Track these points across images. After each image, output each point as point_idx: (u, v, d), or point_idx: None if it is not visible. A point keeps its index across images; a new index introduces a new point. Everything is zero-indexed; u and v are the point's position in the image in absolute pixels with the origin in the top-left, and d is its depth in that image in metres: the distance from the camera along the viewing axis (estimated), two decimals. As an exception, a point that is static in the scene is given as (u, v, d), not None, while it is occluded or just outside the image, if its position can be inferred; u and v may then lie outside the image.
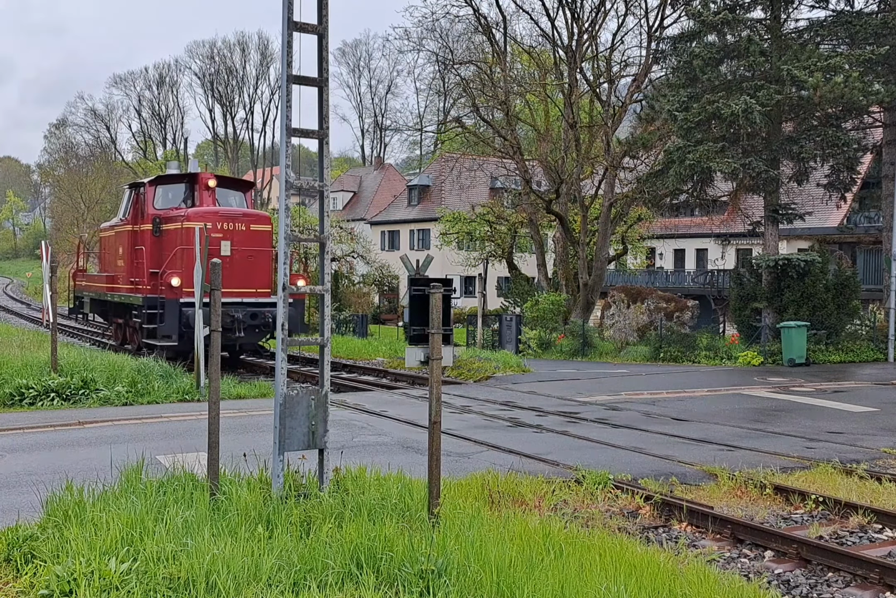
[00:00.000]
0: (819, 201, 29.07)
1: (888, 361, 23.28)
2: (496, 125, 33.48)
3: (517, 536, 6.43)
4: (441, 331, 6.90)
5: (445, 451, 8.91)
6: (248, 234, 19.64)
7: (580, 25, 31.15)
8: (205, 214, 19.30)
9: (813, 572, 6.87)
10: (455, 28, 38.24)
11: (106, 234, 25.09)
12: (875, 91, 21.88)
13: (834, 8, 26.12)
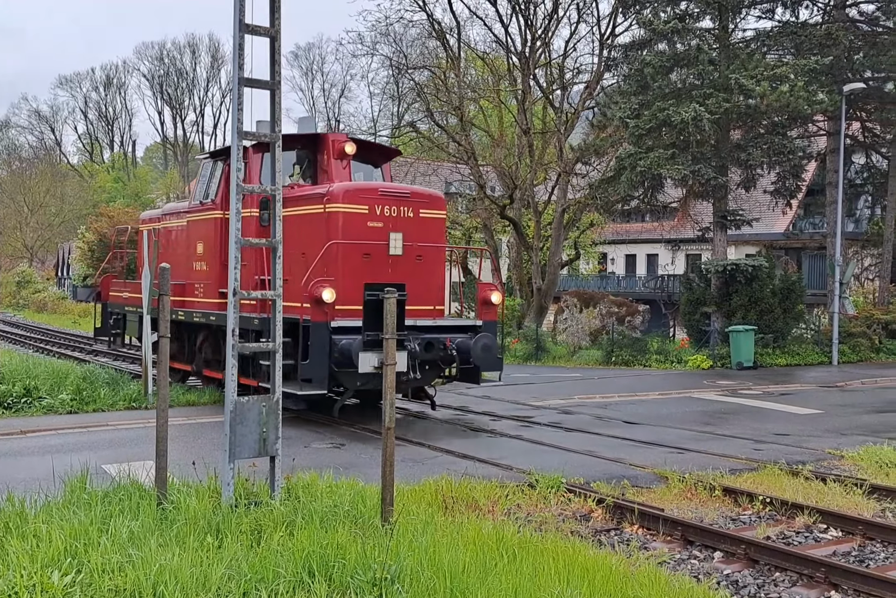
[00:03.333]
0: (766, 208, 29.61)
1: (832, 364, 23.74)
2: (450, 130, 33.54)
3: (471, 541, 6.42)
4: (395, 336, 6.90)
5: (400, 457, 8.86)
6: (418, 223, 12.58)
7: (533, 32, 31.38)
8: (359, 193, 12.38)
9: (761, 572, 6.97)
10: (409, 33, 38.22)
11: (162, 225, 17.22)
12: (819, 100, 22.35)
13: (780, 19, 26.68)
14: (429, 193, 13.33)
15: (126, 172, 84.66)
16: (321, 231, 12.23)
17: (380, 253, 12.22)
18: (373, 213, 12.23)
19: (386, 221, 12.33)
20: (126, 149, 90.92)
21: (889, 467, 10.09)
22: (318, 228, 12.29)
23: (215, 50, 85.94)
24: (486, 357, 11.90)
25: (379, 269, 12.13)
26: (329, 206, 12.20)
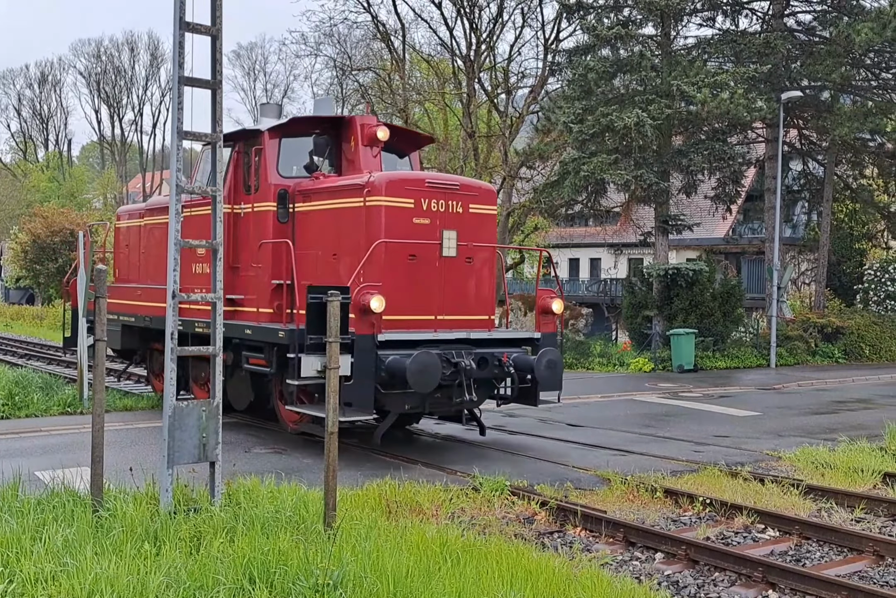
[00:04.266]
0: (706, 213, 30.10)
1: (770, 366, 24.22)
2: (394, 133, 33.43)
3: (414, 545, 6.39)
4: (339, 340, 6.85)
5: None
6: (468, 220, 10.85)
7: (478, 36, 31.48)
8: (404, 184, 10.58)
9: (701, 572, 7.05)
10: (353, 34, 38.10)
11: (146, 222, 14.65)
12: (758, 108, 22.79)
13: (720, 27, 27.20)
14: (479, 185, 11.55)
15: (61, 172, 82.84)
16: (358, 228, 10.52)
17: (427, 254, 10.50)
18: (419, 207, 10.47)
19: (433, 217, 10.58)
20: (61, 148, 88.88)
21: (824, 467, 10.30)
22: (355, 225, 10.59)
23: (155, 48, 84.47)
24: (552, 375, 10.38)
25: (426, 273, 10.54)
26: (370, 199, 10.37)
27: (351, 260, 10.38)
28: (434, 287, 10.54)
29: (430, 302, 10.58)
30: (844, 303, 30.09)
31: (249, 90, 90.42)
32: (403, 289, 10.31)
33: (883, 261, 29.48)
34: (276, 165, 11.70)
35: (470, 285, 10.99)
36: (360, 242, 10.40)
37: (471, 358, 10.15)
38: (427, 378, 9.49)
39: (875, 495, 9.28)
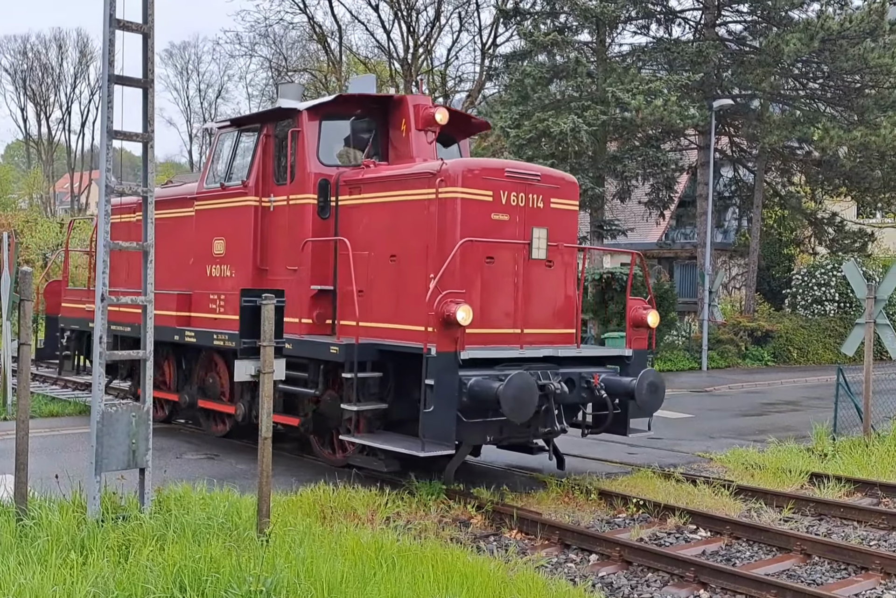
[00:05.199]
0: (640, 218, 30.55)
1: (702, 369, 24.66)
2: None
3: (349, 551, 6.35)
4: (273, 343, 6.78)
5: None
6: (550, 217, 9.44)
7: (416, 39, 31.54)
8: (483, 174, 9.09)
9: (634, 573, 7.12)
10: (289, 35, 37.82)
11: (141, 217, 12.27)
12: (691, 115, 23.22)
13: (654, 35, 27.66)
14: (561, 177, 9.89)
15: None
16: (427, 225, 8.97)
17: (507, 256, 9.09)
18: (497, 201, 9.01)
19: (513, 212, 9.13)
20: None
21: (754, 468, 10.51)
22: (422, 222, 9.03)
23: (84, 45, 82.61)
24: (653, 401, 9.05)
25: (506, 278, 9.09)
26: (444, 190, 8.83)
27: (417, 262, 8.98)
28: (514, 295, 9.11)
29: (509, 312, 9.10)
30: (773, 307, 30.81)
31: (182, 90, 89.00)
32: (481, 297, 8.81)
33: (810, 266, 30.26)
34: (317, 151, 10.10)
35: (551, 293, 9.46)
36: (429, 242, 8.89)
37: (558, 380, 8.69)
38: (524, 405, 8.02)
39: (802, 494, 9.50)
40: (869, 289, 12.66)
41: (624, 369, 9.52)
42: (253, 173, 10.52)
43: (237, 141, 10.98)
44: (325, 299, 9.81)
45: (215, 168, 11.24)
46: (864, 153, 24.88)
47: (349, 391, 8.75)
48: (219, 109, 74.28)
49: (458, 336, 8.19)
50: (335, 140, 10.52)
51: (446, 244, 8.70)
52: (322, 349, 9.15)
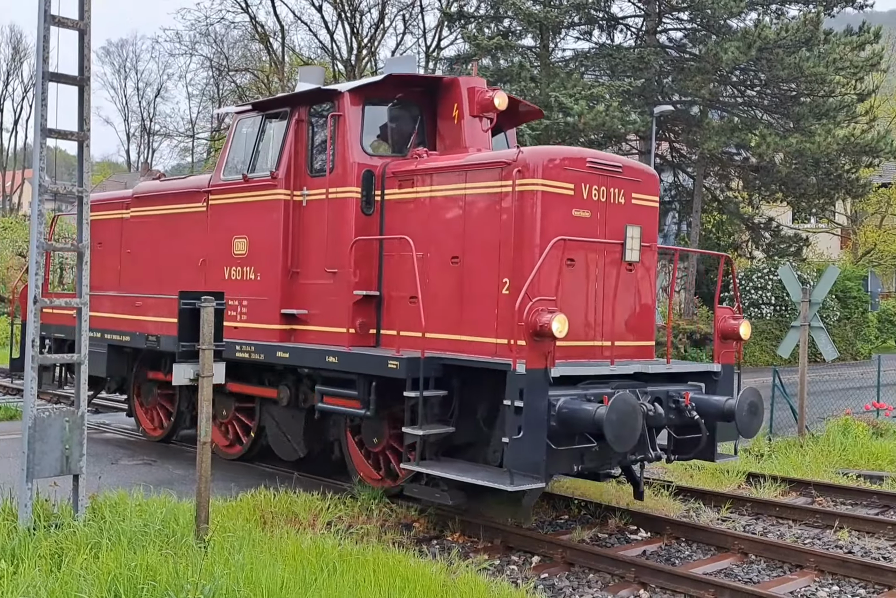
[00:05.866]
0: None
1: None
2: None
3: (290, 556, 6.28)
4: (213, 347, 6.69)
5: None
6: (631, 213, 8.40)
7: (359, 41, 31.45)
8: (564, 164, 7.97)
9: (576, 574, 7.16)
10: (231, 34, 37.41)
11: (136, 213, 11.40)
12: (632, 121, 23.53)
13: (597, 41, 27.97)
14: (642, 169, 8.86)
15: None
16: (500, 221, 7.86)
17: (589, 258, 7.99)
18: (578, 195, 7.93)
19: (594, 208, 8.05)
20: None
21: (692, 469, 10.64)
22: (494, 218, 7.94)
23: (17, 41, 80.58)
24: (755, 423, 8.01)
25: (588, 282, 8.01)
26: (522, 182, 7.70)
27: (486, 265, 7.92)
28: (596, 302, 8.08)
29: (590, 322, 8.04)
30: (712, 310, 31.28)
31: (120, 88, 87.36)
32: (561, 305, 7.53)
33: (747, 270, 30.85)
34: (361, 139, 9.00)
35: (632, 300, 8.40)
36: (501, 241, 7.81)
37: (648, 399, 7.72)
38: (630, 431, 7.03)
39: (740, 494, 9.66)
40: (804, 293, 12.94)
41: (710, 386, 8.44)
42: (283, 164, 9.28)
43: (261, 127, 9.71)
44: (367, 306, 8.66)
45: (233, 158, 9.95)
46: (799, 160, 25.46)
47: (410, 413, 7.67)
48: (157, 108, 73.15)
49: (549, 350, 7.08)
50: (378, 127, 9.38)
51: (524, 244, 7.63)
52: (377, 364, 7.98)
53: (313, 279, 9.11)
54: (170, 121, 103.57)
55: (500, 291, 7.74)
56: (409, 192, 8.71)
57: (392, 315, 8.55)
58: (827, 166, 25.80)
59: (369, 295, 8.69)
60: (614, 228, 8.11)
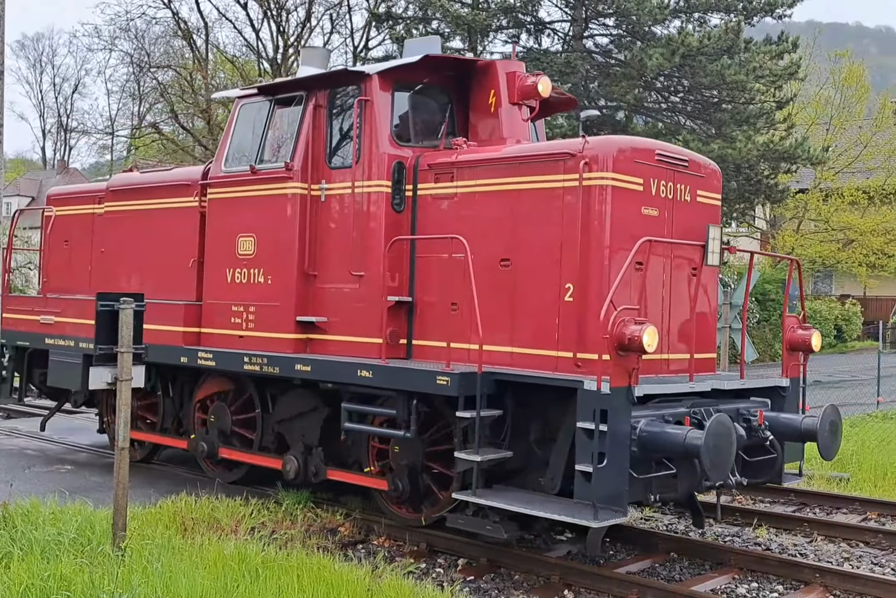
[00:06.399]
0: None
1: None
2: (197, 133, 32.46)
3: (211, 563, 6.15)
4: (132, 350, 6.52)
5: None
6: (696, 212, 7.70)
7: (286, 39, 31.13)
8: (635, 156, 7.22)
9: (502, 576, 7.16)
10: (153, 30, 36.63)
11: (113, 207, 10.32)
12: (559, 125, 23.78)
13: (524, 45, 28.15)
14: (706, 164, 8.02)
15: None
16: (562, 220, 7.08)
17: (656, 261, 7.20)
18: (647, 191, 7.21)
19: (661, 206, 7.32)
20: None
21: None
22: (554, 215, 7.14)
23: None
24: (835, 443, 7.39)
25: (657, 289, 7.28)
26: (589, 176, 6.93)
27: (545, 268, 7.11)
28: (665, 310, 7.33)
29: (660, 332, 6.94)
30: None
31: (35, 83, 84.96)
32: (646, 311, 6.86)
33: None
34: (392, 127, 8.15)
35: (697, 308, 7.64)
36: (563, 242, 7.03)
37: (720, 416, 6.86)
38: (726, 458, 6.39)
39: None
40: (725, 295, 13.21)
41: (777, 402, 7.75)
42: (298, 154, 8.35)
43: (270, 113, 8.74)
44: (396, 314, 7.77)
45: (236, 148, 8.99)
46: (721, 165, 25.98)
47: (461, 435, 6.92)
48: (75, 104, 71.22)
49: (633, 366, 6.33)
50: (406, 114, 8.49)
51: (591, 245, 6.86)
52: (423, 379, 7.08)
53: (334, 283, 8.22)
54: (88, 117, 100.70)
55: (561, 297, 6.93)
56: (448, 186, 7.81)
57: (426, 324, 7.75)
58: (747, 172, 26.44)
59: (401, 301, 7.79)
60: (681, 229, 7.40)
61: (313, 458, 8.43)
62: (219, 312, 8.90)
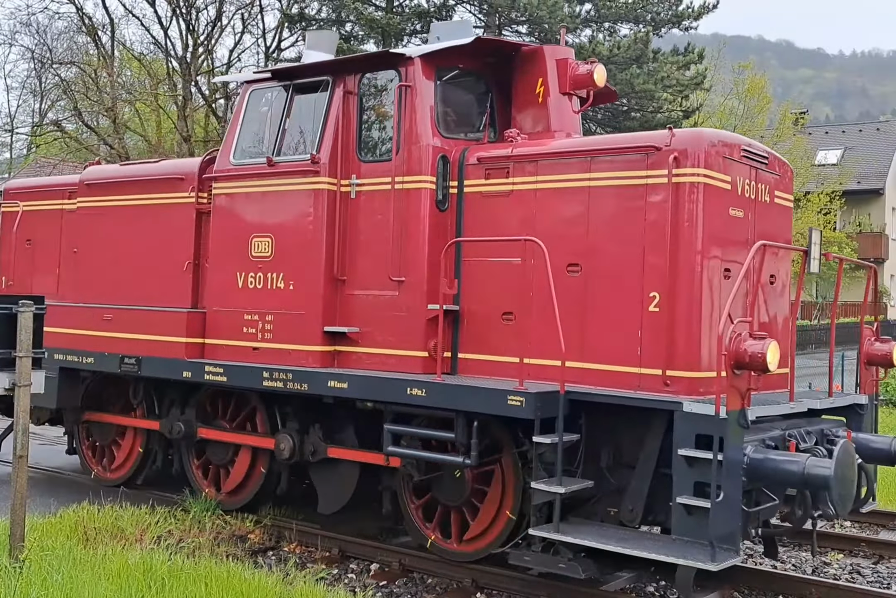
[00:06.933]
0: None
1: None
2: (102, 132, 31.59)
3: (115, 573, 6.00)
4: (31, 354, 6.30)
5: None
6: (775, 214, 7.18)
7: (195, 38, 30.50)
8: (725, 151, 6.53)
9: (415, 581, 7.15)
10: (55, 25, 35.54)
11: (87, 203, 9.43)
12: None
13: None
14: (783, 162, 7.42)
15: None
16: (643, 220, 6.41)
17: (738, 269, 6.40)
18: (734, 191, 6.59)
19: (746, 208, 6.72)
20: None
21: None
22: (634, 215, 6.45)
23: None
24: None
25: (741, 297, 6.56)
26: (679, 172, 6.27)
27: (624, 275, 6.44)
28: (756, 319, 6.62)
29: None
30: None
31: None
32: None
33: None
34: (436, 116, 7.38)
35: (776, 319, 7.08)
36: (647, 246, 6.35)
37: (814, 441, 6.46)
38: (850, 489, 5.99)
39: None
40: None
41: (854, 420, 7.19)
42: (325, 146, 7.54)
43: (289, 100, 7.91)
44: (436, 325, 6.85)
45: (246, 138, 8.17)
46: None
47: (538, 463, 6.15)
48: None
49: (747, 387, 5.69)
50: (447, 103, 7.67)
51: (680, 250, 6.21)
52: (490, 399, 6.31)
53: (367, 289, 7.42)
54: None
55: (645, 307, 6.29)
56: (502, 183, 7.08)
57: (475, 336, 7.05)
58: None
59: (447, 310, 6.94)
60: (762, 232, 6.79)
61: (310, 435, 7.69)
62: (227, 320, 7.99)
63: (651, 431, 6.11)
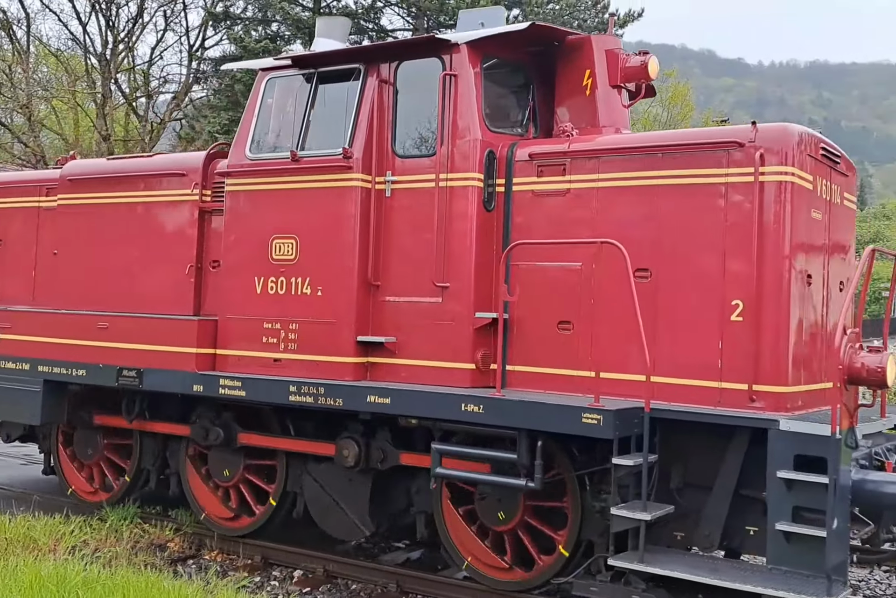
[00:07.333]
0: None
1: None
2: (16, 130, 30.66)
3: (27, 586, 5.80)
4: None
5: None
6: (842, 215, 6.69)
7: (115, 35, 29.86)
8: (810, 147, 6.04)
9: (339, 587, 7.07)
10: (-31, 19, 34.34)
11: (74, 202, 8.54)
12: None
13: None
14: (850, 163, 6.97)
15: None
16: (723, 222, 5.90)
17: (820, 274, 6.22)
18: (815, 190, 6.14)
19: (824, 209, 6.29)
20: None
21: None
22: (712, 217, 5.93)
23: None
24: None
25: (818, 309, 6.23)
26: (766, 170, 5.78)
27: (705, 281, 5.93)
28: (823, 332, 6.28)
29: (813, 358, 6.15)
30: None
31: None
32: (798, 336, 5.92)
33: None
34: (484, 109, 6.76)
35: (828, 330, 6.39)
36: (728, 249, 5.88)
37: None
38: None
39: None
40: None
41: None
42: (357, 140, 6.91)
43: (313, 90, 7.23)
44: (486, 334, 6.49)
45: (263, 131, 7.48)
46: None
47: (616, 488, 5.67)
48: None
49: (857, 404, 5.44)
50: (492, 94, 7.08)
51: (766, 254, 5.74)
52: (559, 417, 5.77)
53: (404, 295, 6.79)
54: None
55: (726, 317, 5.80)
56: (558, 181, 6.51)
57: (527, 346, 6.46)
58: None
59: (493, 319, 6.43)
60: (834, 236, 6.45)
61: (377, 440, 6.97)
62: (243, 329, 7.27)
63: (731, 450, 5.70)
